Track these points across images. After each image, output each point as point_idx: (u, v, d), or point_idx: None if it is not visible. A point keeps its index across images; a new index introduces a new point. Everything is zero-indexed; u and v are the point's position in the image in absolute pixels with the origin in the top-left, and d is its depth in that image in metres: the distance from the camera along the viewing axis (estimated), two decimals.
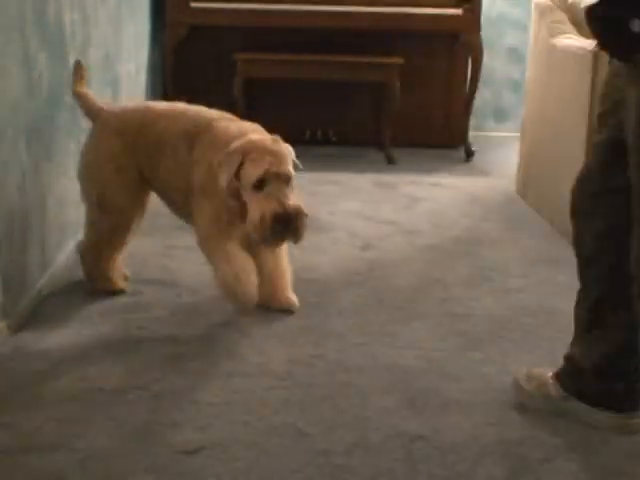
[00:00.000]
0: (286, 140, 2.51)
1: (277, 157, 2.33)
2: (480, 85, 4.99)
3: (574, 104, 3.36)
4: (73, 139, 3.07)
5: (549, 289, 2.92)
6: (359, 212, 3.79)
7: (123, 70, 3.96)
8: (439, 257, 3.24)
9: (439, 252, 3.30)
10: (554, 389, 2.05)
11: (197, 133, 2.49)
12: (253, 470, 1.80)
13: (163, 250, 3.21)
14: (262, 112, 5.08)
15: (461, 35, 4.83)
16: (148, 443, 1.88)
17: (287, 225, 2.27)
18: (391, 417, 2.03)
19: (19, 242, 2.48)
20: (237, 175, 2.33)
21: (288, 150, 2.42)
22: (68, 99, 2.99)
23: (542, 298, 2.83)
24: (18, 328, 2.44)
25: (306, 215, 2.31)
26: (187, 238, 3.36)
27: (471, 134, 5.05)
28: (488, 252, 3.33)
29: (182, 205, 2.60)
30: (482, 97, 5.47)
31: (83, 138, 3.19)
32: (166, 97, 4.95)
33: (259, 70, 4.73)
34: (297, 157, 2.54)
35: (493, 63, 5.50)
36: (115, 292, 2.72)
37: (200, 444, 1.88)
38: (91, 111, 2.71)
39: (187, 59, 4.98)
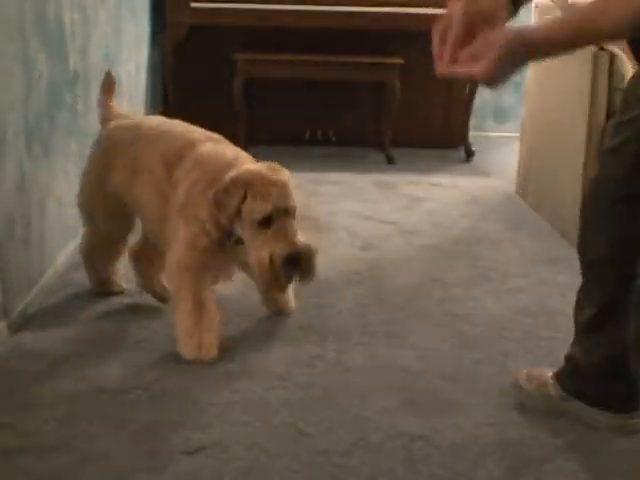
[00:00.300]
0: (286, 140, 2.51)
1: (282, 189, 2.12)
2: (480, 85, 4.98)
3: (574, 104, 3.36)
4: (73, 139, 3.07)
5: (549, 289, 2.92)
6: (359, 212, 3.79)
7: (123, 70, 3.96)
8: (439, 257, 3.24)
9: (439, 252, 3.30)
10: (554, 389, 2.05)
11: (178, 156, 2.31)
12: (253, 470, 1.80)
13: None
14: (262, 112, 5.10)
15: None
16: (148, 443, 1.88)
17: (298, 266, 2.09)
18: (391, 417, 2.03)
19: (19, 242, 2.48)
20: (237, 210, 2.15)
21: (289, 178, 2.21)
22: (68, 99, 3.00)
23: (542, 298, 2.83)
24: (18, 328, 2.44)
25: (317, 252, 2.14)
26: None
27: (471, 134, 5.05)
28: (488, 252, 3.33)
29: (158, 233, 2.41)
30: (482, 97, 5.46)
31: (83, 138, 3.20)
32: (166, 97, 4.97)
33: (259, 70, 4.73)
34: (297, 157, 2.53)
35: None
36: (114, 293, 2.72)
37: (200, 444, 1.88)
38: (101, 122, 2.69)
39: (187, 59, 4.98)
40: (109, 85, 2.70)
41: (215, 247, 2.24)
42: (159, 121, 2.61)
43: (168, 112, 4.95)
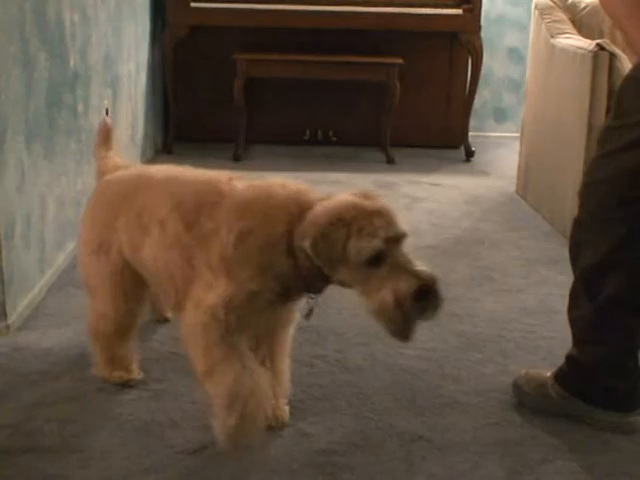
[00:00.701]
0: (286, 140, 2.50)
1: (387, 217, 1.73)
2: (480, 85, 4.99)
3: (574, 104, 3.36)
4: (73, 139, 3.07)
5: (549, 289, 2.91)
6: None
7: (123, 70, 3.96)
8: (439, 257, 3.23)
9: (439, 252, 3.30)
10: (553, 389, 2.05)
11: (200, 205, 1.87)
12: (253, 470, 1.79)
13: None
14: (262, 112, 5.10)
15: (461, 35, 4.83)
16: (148, 443, 1.88)
17: (428, 300, 1.69)
18: (391, 417, 2.03)
19: (19, 242, 2.48)
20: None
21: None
22: (68, 99, 3.00)
23: (542, 298, 2.83)
24: (18, 328, 2.44)
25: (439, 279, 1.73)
26: None
27: (471, 134, 5.05)
28: (488, 252, 3.33)
29: (176, 297, 1.91)
30: (482, 97, 5.47)
31: (83, 138, 3.20)
32: (166, 97, 4.97)
33: (259, 70, 4.73)
34: (297, 157, 2.52)
35: (493, 63, 5.50)
36: (128, 382, 2.15)
37: (200, 444, 1.88)
38: (97, 176, 2.26)
39: (187, 59, 4.98)
40: (105, 135, 2.28)
41: (264, 306, 1.82)
42: (162, 168, 2.15)
43: (168, 112, 4.97)
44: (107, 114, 3.60)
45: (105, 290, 2.08)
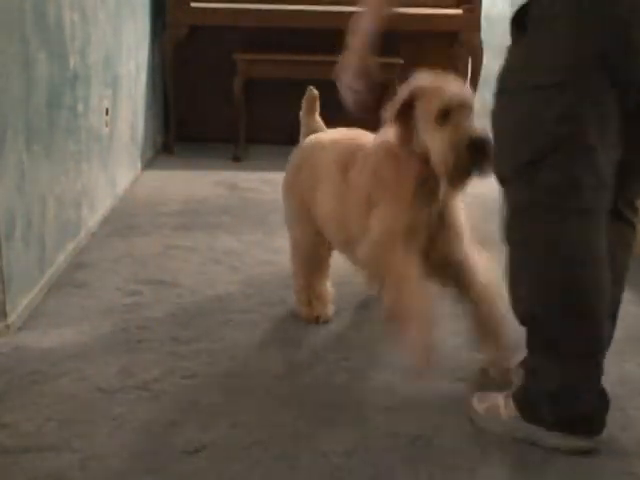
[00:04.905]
0: (286, 140, 2.52)
1: (455, 84, 2.11)
2: (480, 85, 4.99)
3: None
4: (73, 139, 3.07)
5: None
6: None
7: (123, 70, 3.96)
8: None
9: None
10: (505, 411, 1.95)
11: (348, 160, 2.36)
12: (253, 470, 1.80)
13: (163, 250, 3.21)
14: (262, 112, 5.10)
15: (461, 35, 4.83)
16: (148, 443, 1.88)
17: (482, 152, 2.01)
18: (391, 417, 2.03)
19: (19, 242, 2.48)
20: (407, 123, 2.14)
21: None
22: (68, 99, 3.00)
23: None
24: (18, 328, 2.44)
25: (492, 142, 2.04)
26: (187, 238, 3.37)
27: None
28: (488, 252, 3.32)
29: (341, 236, 2.38)
30: (482, 97, 5.46)
31: (83, 138, 3.20)
32: (166, 97, 4.97)
33: (259, 70, 4.73)
34: None
35: (493, 63, 5.49)
36: (316, 319, 2.55)
37: (200, 444, 1.88)
38: (301, 137, 2.77)
39: (187, 59, 4.99)
40: (313, 104, 2.84)
41: (420, 194, 2.15)
42: (334, 131, 2.69)
43: (168, 112, 4.97)
44: (107, 114, 3.60)
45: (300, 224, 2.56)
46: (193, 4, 4.74)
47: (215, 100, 5.07)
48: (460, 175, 2.07)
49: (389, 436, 1.95)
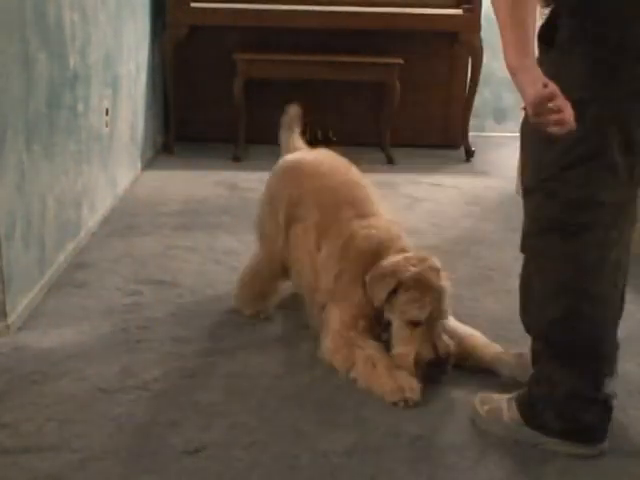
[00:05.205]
0: None
1: (438, 296, 2.18)
2: (480, 85, 4.99)
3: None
4: (73, 139, 3.07)
5: None
6: None
7: (123, 70, 3.96)
8: (439, 257, 3.22)
9: (439, 252, 3.28)
10: (508, 414, 1.96)
11: (329, 229, 2.39)
12: (253, 470, 1.80)
13: (163, 250, 3.21)
14: (262, 112, 5.09)
15: (461, 35, 4.83)
16: (148, 443, 1.88)
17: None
18: (391, 417, 2.03)
19: (19, 242, 2.48)
20: (388, 297, 2.20)
21: (444, 278, 2.26)
22: (68, 99, 3.00)
23: None
24: (18, 328, 2.44)
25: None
26: (187, 238, 3.37)
27: (471, 134, 5.05)
28: (488, 252, 3.33)
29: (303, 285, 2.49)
30: (482, 97, 5.46)
31: (83, 138, 3.20)
32: (166, 97, 4.96)
33: (259, 70, 4.73)
34: None
35: (493, 63, 5.49)
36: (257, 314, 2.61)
37: (200, 444, 1.88)
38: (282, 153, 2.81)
39: (187, 59, 4.98)
40: (292, 123, 2.82)
41: (368, 329, 2.28)
42: (329, 164, 2.65)
43: (168, 112, 4.97)
44: (107, 114, 3.60)
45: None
46: (193, 4, 4.73)
47: (215, 100, 5.07)
48: (414, 373, 2.16)
49: (389, 436, 1.95)
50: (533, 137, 1.82)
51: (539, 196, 1.83)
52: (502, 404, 1.98)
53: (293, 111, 2.77)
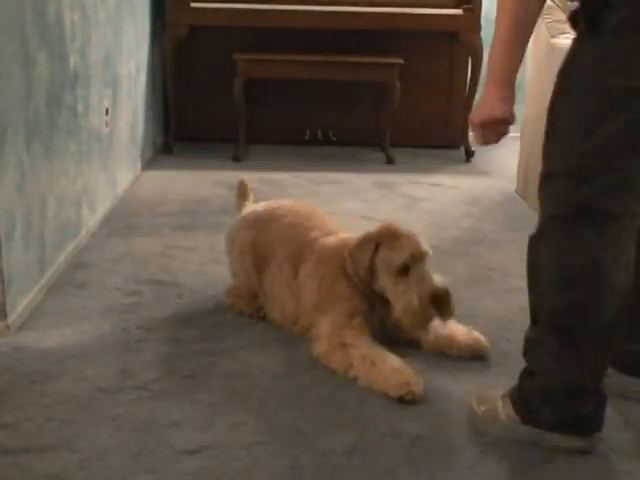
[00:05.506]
0: (286, 140, 2.52)
1: (414, 238, 2.27)
2: (480, 85, 4.99)
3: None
4: (73, 139, 3.07)
5: None
6: (359, 212, 3.79)
7: (123, 70, 3.96)
8: (439, 257, 3.23)
9: (439, 252, 3.29)
10: (503, 412, 1.94)
11: (301, 254, 2.46)
12: (253, 470, 1.80)
13: (163, 250, 3.21)
14: (262, 112, 5.10)
15: (461, 35, 4.83)
16: (148, 443, 1.88)
17: (442, 304, 2.19)
18: (391, 417, 2.03)
19: (19, 242, 2.48)
20: (371, 264, 2.28)
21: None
22: (68, 99, 3.00)
23: None
24: (18, 328, 2.44)
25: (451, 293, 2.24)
26: (187, 238, 3.37)
27: (471, 134, 5.05)
28: (488, 252, 3.33)
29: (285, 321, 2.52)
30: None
31: (83, 138, 3.20)
32: (166, 97, 4.97)
33: (259, 70, 4.73)
34: (297, 157, 2.54)
35: None
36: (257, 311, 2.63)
37: (200, 444, 1.88)
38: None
39: (187, 59, 4.99)
40: (242, 191, 2.88)
41: (366, 309, 2.33)
42: (284, 210, 2.66)
43: (168, 112, 4.97)
44: (107, 114, 3.60)
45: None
46: (193, 4, 4.74)
47: (215, 100, 5.07)
48: (423, 322, 2.23)
49: (389, 436, 1.95)
50: (570, 123, 1.76)
51: (569, 180, 1.76)
52: (498, 403, 1.97)
53: (242, 185, 2.88)
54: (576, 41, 1.77)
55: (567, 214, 1.78)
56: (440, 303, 2.18)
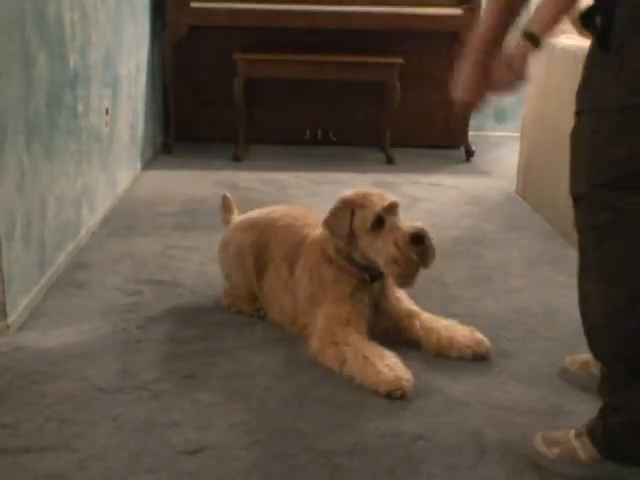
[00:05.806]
0: (286, 140, 2.52)
1: (382, 194, 2.33)
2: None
3: (574, 104, 3.35)
4: (73, 139, 3.07)
5: (549, 289, 2.92)
6: None
7: (123, 70, 3.96)
8: (439, 257, 3.22)
9: (439, 252, 3.28)
10: (584, 453, 1.81)
11: (296, 253, 2.49)
12: (253, 470, 1.80)
13: (163, 250, 3.21)
14: (262, 112, 5.10)
15: (461, 35, 4.83)
16: (148, 443, 1.88)
17: (423, 244, 2.20)
18: (391, 417, 2.03)
19: (19, 242, 2.48)
20: (350, 231, 2.30)
21: None
22: (68, 99, 3.00)
23: (542, 298, 2.83)
24: (18, 328, 2.44)
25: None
26: (187, 238, 3.37)
27: (471, 134, 5.06)
28: (488, 252, 3.33)
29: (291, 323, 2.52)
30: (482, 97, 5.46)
31: (83, 138, 3.20)
32: (166, 97, 4.97)
33: (259, 70, 4.73)
34: (297, 157, 2.55)
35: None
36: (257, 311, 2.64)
37: (200, 444, 1.88)
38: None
39: (187, 59, 4.99)
40: (227, 207, 2.85)
41: (355, 290, 2.35)
42: (280, 215, 2.67)
43: (168, 112, 4.97)
44: (107, 114, 3.60)
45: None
46: (193, 4, 4.74)
47: (215, 100, 5.07)
48: (410, 272, 2.22)
49: (389, 436, 1.95)
50: (593, 140, 1.70)
51: (595, 202, 1.68)
52: (574, 443, 1.83)
53: (226, 200, 2.85)
54: (589, 57, 1.77)
55: (597, 237, 1.69)
56: (421, 247, 2.20)
